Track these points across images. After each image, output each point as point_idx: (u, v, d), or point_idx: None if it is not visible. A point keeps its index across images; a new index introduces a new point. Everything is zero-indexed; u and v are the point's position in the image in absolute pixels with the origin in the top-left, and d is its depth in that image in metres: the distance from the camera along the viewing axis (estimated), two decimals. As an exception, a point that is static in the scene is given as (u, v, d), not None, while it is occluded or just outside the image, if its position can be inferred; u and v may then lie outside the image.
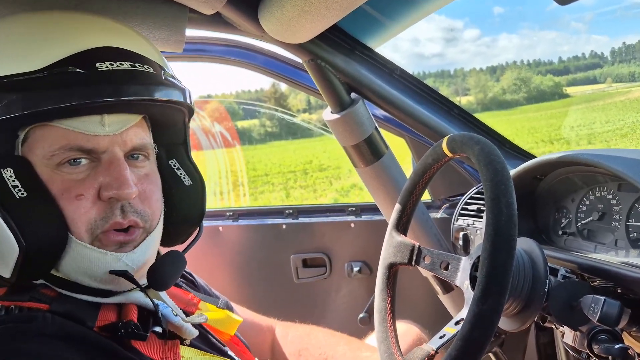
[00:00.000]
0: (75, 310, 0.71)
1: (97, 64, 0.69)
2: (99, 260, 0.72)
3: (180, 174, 0.86)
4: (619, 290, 0.86)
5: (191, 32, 1.45)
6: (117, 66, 0.70)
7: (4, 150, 0.69)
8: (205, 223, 0.95)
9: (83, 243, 0.71)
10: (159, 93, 0.74)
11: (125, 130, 0.74)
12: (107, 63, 0.70)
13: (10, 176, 0.68)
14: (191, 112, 0.85)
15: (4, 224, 0.67)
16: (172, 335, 0.79)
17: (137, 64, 0.72)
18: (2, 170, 0.68)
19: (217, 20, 1.20)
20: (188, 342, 0.81)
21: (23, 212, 0.68)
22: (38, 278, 0.73)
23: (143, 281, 0.77)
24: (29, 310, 0.70)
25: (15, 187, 0.68)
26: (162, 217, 0.82)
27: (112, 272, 0.72)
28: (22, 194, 0.68)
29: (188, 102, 0.80)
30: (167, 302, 0.82)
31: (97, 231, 0.72)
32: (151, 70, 0.74)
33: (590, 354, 0.83)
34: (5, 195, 0.68)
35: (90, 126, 0.71)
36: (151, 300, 0.77)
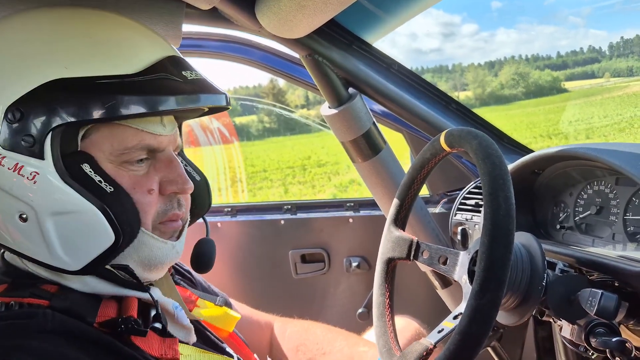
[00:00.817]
0: (75, 306, 0.71)
1: (184, 72, 0.74)
2: (159, 249, 0.76)
3: (189, 170, 0.89)
4: (616, 284, 0.86)
5: (188, 28, 1.44)
6: (195, 75, 0.75)
7: (73, 147, 0.70)
8: (204, 219, 0.96)
9: (150, 233, 0.75)
10: (225, 100, 0.79)
11: (175, 131, 0.80)
12: (188, 72, 0.75)
13: (90, 171, 0.70)
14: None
15: (103, 216, 0.68)
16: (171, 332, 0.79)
17: (200, 73, 0.77)
18: (82, 165, 0.69)
19: (214, 16, 1.20)
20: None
21: (116, 204, 0.70)
22: (99, 269, 0.73)
23: (159, 275, 0.80)
24: (29, 306, 0.69)
25: (100, 181, 0.70)
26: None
27: (112, 265, 0.73)
28: (110, 188, 0.70)
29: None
30: (182, 305, 0.83)
31: (157, 221, 0.76)
32: (204, 77, 0.78)
33: (588, 347, 0.83)
34: (97, 189, 0.69)
35: (154, 127, 0.75)
36: (151, 296, 0.77)
